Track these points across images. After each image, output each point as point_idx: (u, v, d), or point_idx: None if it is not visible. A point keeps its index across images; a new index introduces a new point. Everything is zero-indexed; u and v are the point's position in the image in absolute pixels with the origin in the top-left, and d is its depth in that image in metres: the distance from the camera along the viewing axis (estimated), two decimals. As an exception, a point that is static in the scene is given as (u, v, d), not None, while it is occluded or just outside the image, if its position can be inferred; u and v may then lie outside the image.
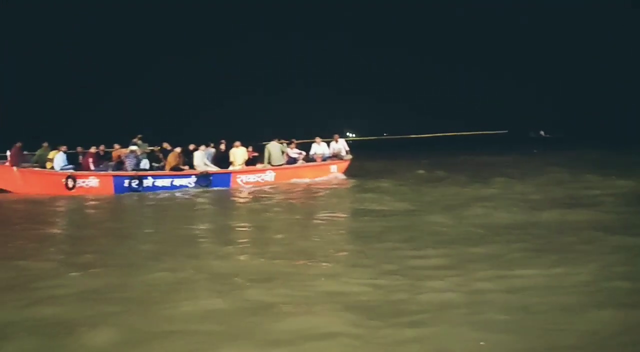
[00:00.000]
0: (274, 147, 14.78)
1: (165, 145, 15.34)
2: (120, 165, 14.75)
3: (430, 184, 13.31)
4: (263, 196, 12.39)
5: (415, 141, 76.17)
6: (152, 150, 15.28)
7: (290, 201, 11.30)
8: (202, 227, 8.53)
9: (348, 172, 15.37)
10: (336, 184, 14.06)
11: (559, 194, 10.75)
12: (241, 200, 12.04)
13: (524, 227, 7.49)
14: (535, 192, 11.16)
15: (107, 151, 15.30)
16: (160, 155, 15.15)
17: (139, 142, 15.16)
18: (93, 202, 12.41)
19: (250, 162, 15.01)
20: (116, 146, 15.27)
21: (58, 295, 5.01)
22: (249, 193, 13.04)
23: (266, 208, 10.40)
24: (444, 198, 10.80)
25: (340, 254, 6.36)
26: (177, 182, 14.17)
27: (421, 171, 16.15)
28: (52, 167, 14.51)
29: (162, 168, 14.62)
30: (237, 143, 14.83)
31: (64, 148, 14.71)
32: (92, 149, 14.69)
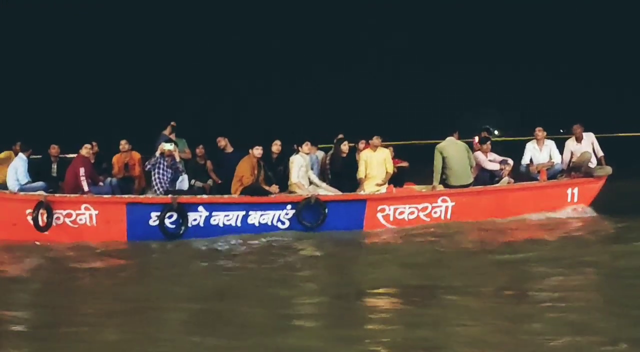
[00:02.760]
0: (453, 151, 11.18)
1: (223, 142, 11.87)
2: (129, 182, 11.67)
3: None
4: (433, 252, 9.49)
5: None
6: (194, 154, 12.14)
7: (495, 272, 8.20)
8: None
9: (599, 202, 11.67)
10: (584, 228, 10.73)
11: None
12: (390, 264, 8.89)
13: None
14: None
15: (100, 154, 12.13)
16: (209, 165, 11.93)
17: (172, 137, 11.65)
18: (85, 263, 9.38)
19: (395, 178, 11.55)
20: (123, 144, 11.86)
21: None
22: (402, 244, 10.07)
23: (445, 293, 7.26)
24: None
25: None
26: (256, 217, 10.73)
27: None
28: (4, 186, 11.11)
29: (220, 189, 11.42)
30: (375, 140, 11.28)
31: (27, 151, 11.28)
32: (84, 150, 10.98)
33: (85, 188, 10.54)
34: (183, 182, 11.07)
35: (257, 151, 10.69)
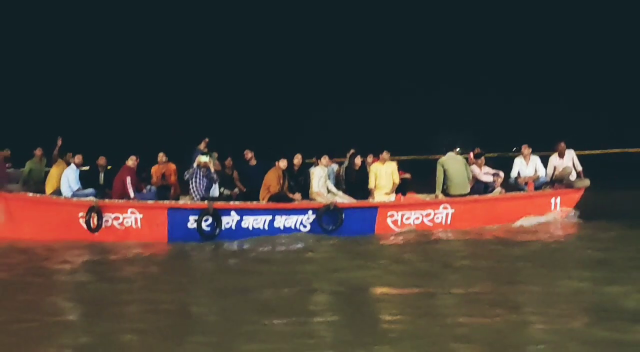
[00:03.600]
0: (454, 164, 11.72)
1: (249, 155, 12.46)
2: (165, 189, 12.12)
3: None
4: (435, 253, 9.89)
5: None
6: (223, 166, 12.64)
7: (493, 272, 8.49)
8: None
9: (579, 209, 12.34)
10: (565, 232, 11.41)
11: None
12: (398, 263, 9.23)
13: None
14: None
15: (140, 165, 12.41)
16: (235, 175, 12.45)
17: (206, 150, 12.22)
18: (130, 261, 9.88)
19: (399, 188, 12.14)
20: (161, 157, 12.36)
21: None
22: (409, 246, 10.49)
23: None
24: None
25: None
26: (281, 222, 11.32)
27: None
28: (57, 191, 11.58)
29: (244, 196, 11.95)
30: (384, 155, 11.91)
31: (77, 159, 11.68)
32: (130, 162, 11.54)
33: (131, 194, 11.09)
34: (214, 190, 11.52)
35: (283, 163, 11.27)
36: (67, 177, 11.30)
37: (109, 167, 12.28)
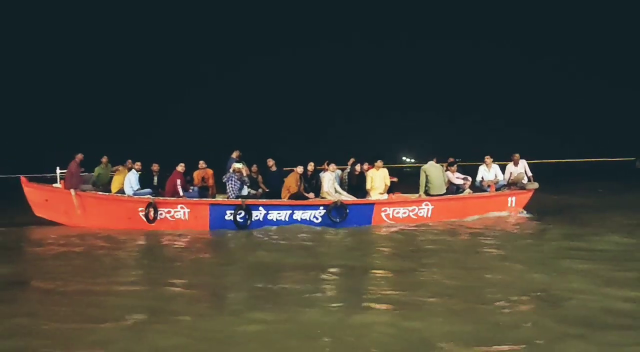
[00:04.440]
0: (433, 171, 13.41)
1: (271, 162, 14.12)
2: (205, 190, 13.72)
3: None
4: (419, 240, 10.80)
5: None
6: (251, 171, 14.28)
7: (469, 253, 9.54)
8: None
9: (529, 207, 14.01)
10: (518, 224, 12.58)
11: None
12: (389, 247, 10.38)
13: None
14: None
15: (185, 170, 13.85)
16: (260, 179, 14.13)
17: (238, 159, 13.99)
18: (180, 245, 10.96)
19: (389, 189, 13.78)
20: (201, 164, 14.01)
21: None
22: (398, 234, 11.54)
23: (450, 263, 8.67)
24: None
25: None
26: (299, 215, 12.83)
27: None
28: (121, 191, 13.34)
29: (267, 196, 13.48)
30: (379, 163, 13.56)
31: (137, 165, 13.46)
32: (179, 168, 13.29)
33: (181, 193, 12.79)
34: (244, 190, 13.23)
35: (300, 169, 12.95)
36: (129, 180, 13.06)
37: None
